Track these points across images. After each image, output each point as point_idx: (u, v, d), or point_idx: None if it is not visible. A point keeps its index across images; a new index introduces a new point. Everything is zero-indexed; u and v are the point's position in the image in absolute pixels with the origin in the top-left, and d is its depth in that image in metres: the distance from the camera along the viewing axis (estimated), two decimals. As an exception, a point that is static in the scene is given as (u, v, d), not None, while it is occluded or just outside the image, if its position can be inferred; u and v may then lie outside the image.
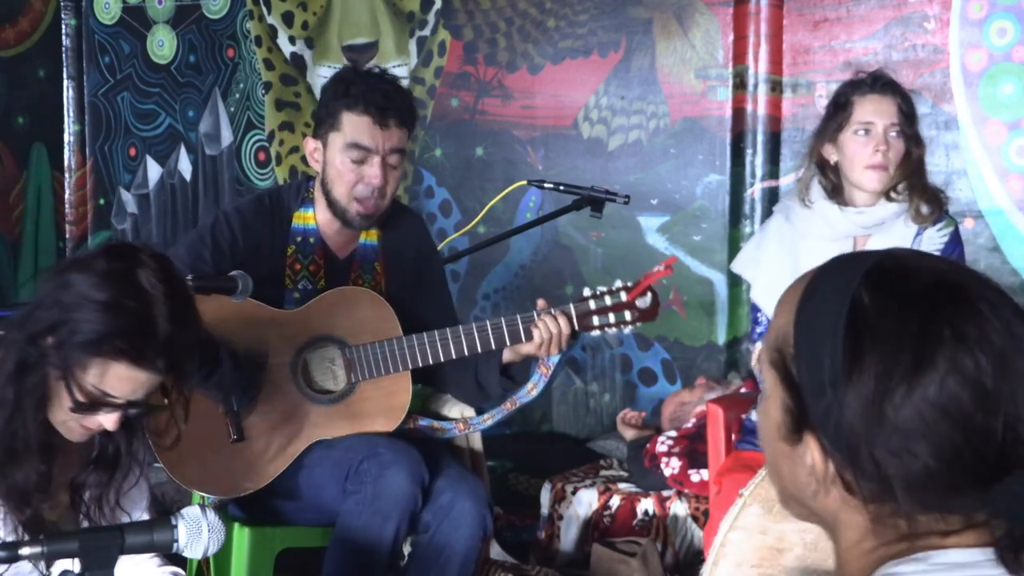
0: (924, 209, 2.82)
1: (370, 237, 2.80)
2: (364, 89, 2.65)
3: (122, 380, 1.76)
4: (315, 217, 2.75)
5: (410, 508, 2.54)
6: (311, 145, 2.74)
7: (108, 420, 1.80)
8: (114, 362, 1.75)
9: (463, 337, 2.62)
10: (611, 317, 2.62)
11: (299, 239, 2.73)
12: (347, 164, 2.66)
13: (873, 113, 2.77)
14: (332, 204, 2.71)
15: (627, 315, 2.62)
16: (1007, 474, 0.96)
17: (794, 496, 1.10)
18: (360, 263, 2.79)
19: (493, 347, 2.63)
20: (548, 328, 2.58)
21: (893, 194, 2.82)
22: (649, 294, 2.63)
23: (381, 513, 2.52)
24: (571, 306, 2.62)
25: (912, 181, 2.81)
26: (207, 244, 2.65)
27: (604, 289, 2.64)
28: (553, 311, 2.60)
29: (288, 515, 2.73)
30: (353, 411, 2.68)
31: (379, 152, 2.66)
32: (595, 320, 2.62)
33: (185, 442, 2.55)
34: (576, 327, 2.61)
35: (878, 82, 2.81)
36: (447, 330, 2.64)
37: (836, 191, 2.85)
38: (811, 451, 1.04)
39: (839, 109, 2.82)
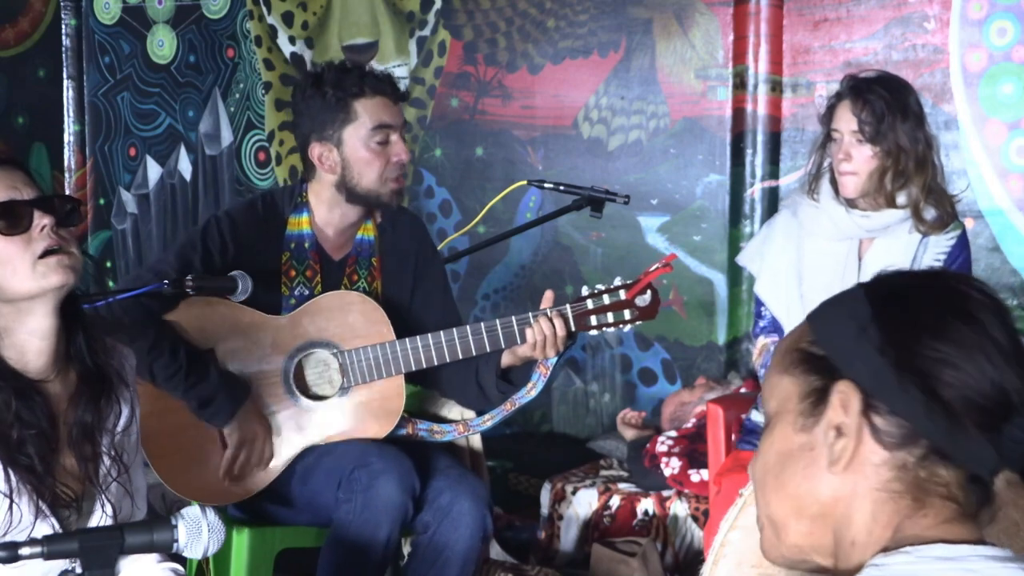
0: (929, 215, 2.78)
1: (367, 232, 2.77)
2: (358, 76, 2.64)
3: None
4: (310, 221, 2.70)
5: (400, 518, 2.51)
6: (317, 150, 2.67)
7: (44, 220, 1.93)
8: None
9: (457, 341, 2.58)
10: (610, 316, 2.57)
11: (293, 245, 2.69)
12: (374, 149, 2.64)
13: (838, 120, 2.78)
14: (359, 197, 2.67)
15: (626, 314, 2.57)
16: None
17: (801, 507, 1.09)
18: (356, 259, 2.75)
19: (488, 349, 2.59)
20: (542, 330, 2.53)
21: (898, 200, 2.78)
22: (649, 292, 2.58)
23: (371, 523, 2.49)
24: (568, 307, 2.57)
25: (912, 189, 2.76)
26: (197, 250, 2.61)
27: (602, 288, 2.59)
28: (549, 312, 2.55)
29: (284, 519, 2.73)
30: (346, 416, 2.67)
31: (398, 128, 2.67)
32: (593, 320, 2.56)
33: (178, 452, 2.59)
34: (573, 328, 2.56)
35: (845, 88, 2.80)
36: (440, 333, 2.60)
37: None
38: (840, 399, 1.06)
39: (825, 116, 2.85)
